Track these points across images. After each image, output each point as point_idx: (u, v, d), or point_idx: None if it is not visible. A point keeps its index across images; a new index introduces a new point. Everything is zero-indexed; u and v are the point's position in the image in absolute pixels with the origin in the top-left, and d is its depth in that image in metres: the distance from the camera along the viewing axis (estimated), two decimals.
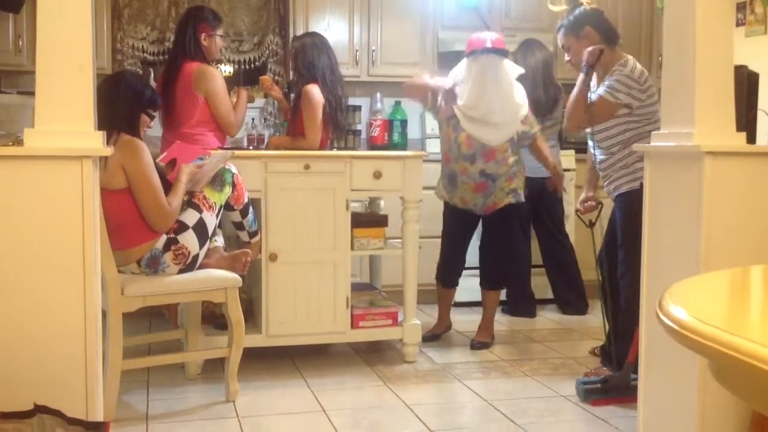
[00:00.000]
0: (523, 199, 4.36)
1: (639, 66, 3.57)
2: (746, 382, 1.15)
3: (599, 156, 3.68)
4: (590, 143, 3.75)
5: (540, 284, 5.43)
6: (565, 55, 3.76)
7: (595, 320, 4.31)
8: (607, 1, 5.73)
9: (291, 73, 4.53)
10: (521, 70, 4.27)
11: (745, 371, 1.04)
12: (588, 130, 3.71)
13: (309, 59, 4.25)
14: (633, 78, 3.50)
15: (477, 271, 4.65)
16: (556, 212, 5.16)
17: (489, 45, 4.15)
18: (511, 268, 4.67)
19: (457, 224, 4.49)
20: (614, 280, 3.68)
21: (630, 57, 3.59)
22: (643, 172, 3.40)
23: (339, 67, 4.40)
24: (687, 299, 1.31)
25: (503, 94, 4.18)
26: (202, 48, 4.15)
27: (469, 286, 5.04)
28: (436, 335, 4.61)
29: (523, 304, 5.25)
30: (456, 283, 4.64)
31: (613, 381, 3.48)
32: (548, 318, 5.23)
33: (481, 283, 4.58)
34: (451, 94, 4.22)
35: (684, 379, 2.62)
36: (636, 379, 3.02)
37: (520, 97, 4.24)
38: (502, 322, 5.02)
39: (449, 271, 4.56)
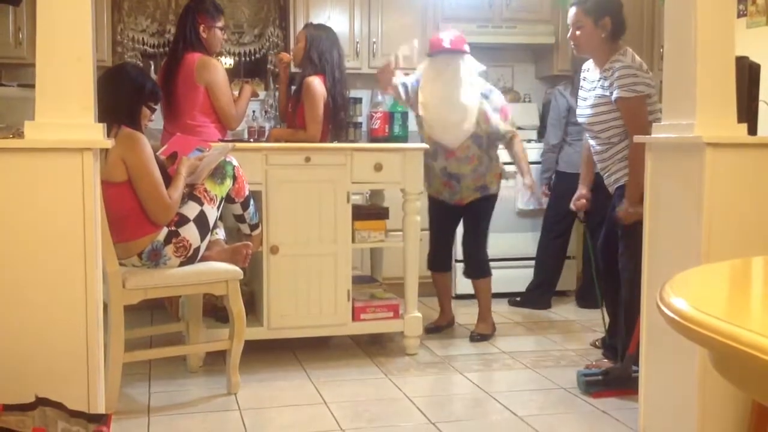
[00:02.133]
0: (492, 192, 4.42)
1: (637, 57, 3.56)
2: (746, 372, 1.15)
3: (597, 147, 3.66)
4: (587, 134, 3.74)
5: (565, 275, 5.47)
6: (570, 30, 3.65)
7: (598, 313, 4.30)
8: None
9: (293, 62, 4.50)
10: (482, 67, 4.29)
11: (746, 362, 1.04)
12: (583, 121, 3.69)
13: (322, 50, 4.25)
14: (636, 66, 3.48)
15: None
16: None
17: (447, 45, 4.20)
18: (486, 256, 4.61)
19: (438, 212, 4.56)
20: (614, 272, 3.68)
21: (628, 48, 3.58)
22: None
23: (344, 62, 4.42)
24: (688, 290, 1.31)
25: (451, 95, 4.21)
26: (202, 39, 4.14)
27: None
28: (439, 327, 4.62)
29: (540, 296, 5.26)
30: (446, 268, 4.66)
31: (614, 373, 3.48)
32: (551, 310, 5.23)
33: (466, 274, 4.61)
34: (396, 90, 4.32)
35: (685, 370, 2.63)
36: (637, 371, 3.02)
37: (471, 97, 4.23)
38: (504, 314, 5.03)
39: (434, 255, 4.61)
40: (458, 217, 4.58)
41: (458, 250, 4.82)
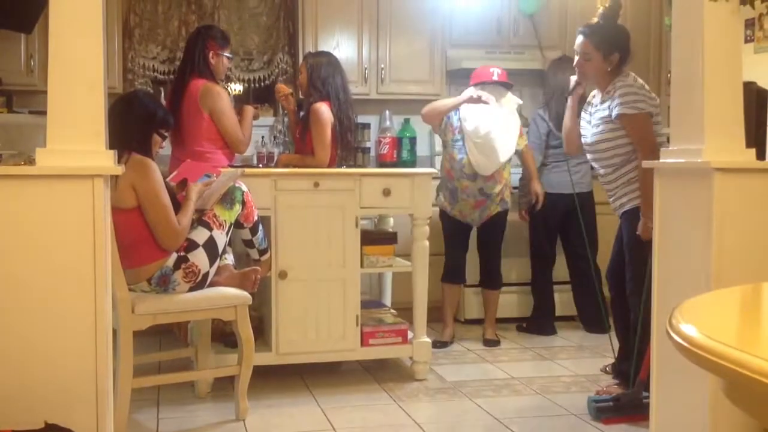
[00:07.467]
0: (509, 205, 4.81)
1: (639, 79, 3.59)
2: (757, 400, 1.14)
3: (601, 170, 3.67)
4: (589, 156, 3.75)
5: (562, 300, 5.43)
6: (576, 57, 3.68)
7: (607, 338, 4.28)
8: None
9: (300, 90, 4.56)
10: (519, 101, 4.74)
11: (756, 389, 1.04)
12: (587, 141, 3.70)
13: (324, 76, 4.30)
14: (637, 86, 3.51)
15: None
16: (581, 228, 4.76)
17: (495, 78, 4.64)
18: (499, 268, 4.94)
19: (456, 231, 4.84)
20: (623, 297, 3.66)
21: (630, 72, 3.61)
22: None
23: (349, 86, 4.47)
24: (697, 316, 1.31)
25: (503, 121, 4.59)
26: (210, 65, 4.17)
27: (477, 302, 5.11)
28: (446, 343, 4.78)
29: (542, 322, 5.23)
30: (461, 280, 4.93)
31: (625, 399, 3.46)
32: (560, 335, 5.20)
33: (488, 286, 4.92)
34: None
35: (696, 397, 2.61)
36: (648, 397, 3.00)
37: (515, 126, 4.70)
38: (513, 339, 5.01)
39: (453, 267, 4.85)
40: (470, 231, 4.89)
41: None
